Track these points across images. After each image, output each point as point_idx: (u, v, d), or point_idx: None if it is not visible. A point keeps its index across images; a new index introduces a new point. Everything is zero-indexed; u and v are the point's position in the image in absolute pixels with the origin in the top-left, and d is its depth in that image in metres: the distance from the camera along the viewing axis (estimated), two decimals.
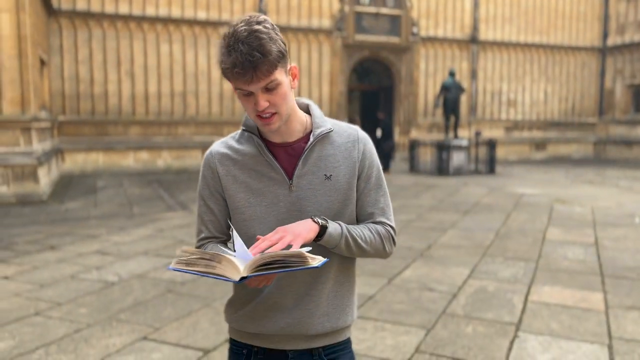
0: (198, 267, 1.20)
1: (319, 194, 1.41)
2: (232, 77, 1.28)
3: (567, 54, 20.39)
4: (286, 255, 1.18)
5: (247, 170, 1.43)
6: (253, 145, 1.43)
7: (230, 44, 1.27)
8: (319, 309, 1.45)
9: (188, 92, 15.39)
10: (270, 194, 1.41)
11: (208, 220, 1.50)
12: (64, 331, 3.71)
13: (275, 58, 1.28)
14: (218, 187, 1.46)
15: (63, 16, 13.93)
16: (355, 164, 1.45)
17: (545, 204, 9.13)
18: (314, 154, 1.42)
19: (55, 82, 13.92)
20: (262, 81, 1.28)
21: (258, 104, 1.31)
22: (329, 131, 1.44)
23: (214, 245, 1.48)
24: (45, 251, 5.94)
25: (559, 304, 4.31)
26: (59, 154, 13.60)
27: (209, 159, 1.48)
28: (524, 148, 19.91)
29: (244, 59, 1.24)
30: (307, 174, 1.41)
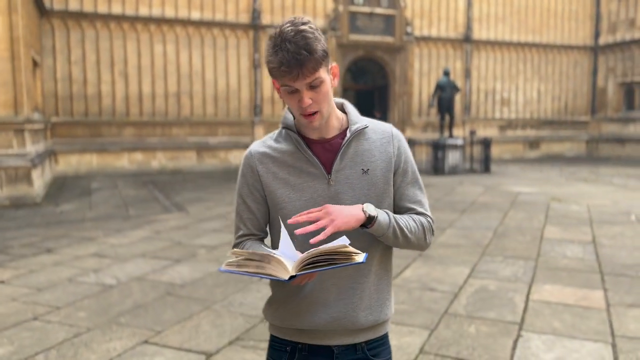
0: (249, 268, 1.25)
1: (356, 188, 1.47)
2: (279, 74, 1.35)
3: (560, 53, 20.49)
4: (332, 252, 1.22)
5: (286, 167, 1.48)
6: (291, 143, 1.49)
7: (277, 43, 1.34)
8: (362, 302, 1.49)
9: (182, 93, 15.32)
10: (310, 188, 1.46)
11: (247, 218, 1.54)
12: (64, 335, 3.66)
13: (320, 56, 1.35)
14: (257, 185, 1.51)
15: (55, 17, 13.83)
16: (391, 159, 1.51)
17: (541, 203, 9.15)
18: (351, 149, 1.48)
19: (48, 83, 13.81)
20: (308, 78, 1.35)
21: (302, 100, 1.37)
22: (365, 127, 1.50)
23: (252, 242, 1.53)
24: (41, 254, 5.88)
25: (560, 303, 4.31)
26: (52, 156, 13.49)
27: (248, 158, 1.53)
28: (517, 147, 19.99)
29: (291, 57, 1.32)
30: (345, 169, 1.47)
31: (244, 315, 4.04)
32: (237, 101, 15.96)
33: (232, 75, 15.82)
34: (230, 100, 15.89)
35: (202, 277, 5.00)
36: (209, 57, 15.50)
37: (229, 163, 15.77)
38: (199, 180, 13.04)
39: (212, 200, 9.75)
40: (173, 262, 5.52)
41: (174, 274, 5.12)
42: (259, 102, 16.11)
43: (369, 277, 1.51)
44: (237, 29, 15.75)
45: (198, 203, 9.41)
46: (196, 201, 9.62)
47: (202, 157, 15.55)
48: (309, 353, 1.50)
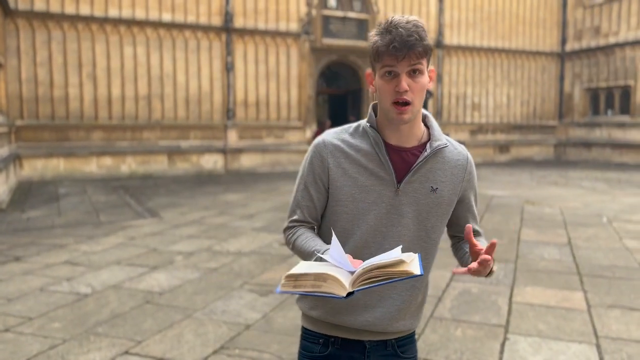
0: (305, 287, 1.24)
1: (421, 204, 1.47)
2: (386, 53, 1.35)
3: (528, 59, 20.93)
4: (390, 270, 1.20)
5: (358, 166, 1.46)
6: (368, 142, 1.47)
7: (388, 27, 1.37)
8: (400, 313, 1.51)
9: (153, 96, 15.03)
10: (375, 192, 1.45)
11: (305, 205, 1.52)
12: (38, 347, 3.49)
13: (427, 46, 1.38)
14: (324, 176, 1.49)
15: (20, 17, 13.39)
16: (460, 183, 1.53)
17: (516, 205, 9.28)
18: (427, 165, 1.48)
19: (13, 85, 13.35)
20: (412, 61, 1.36)
21: (400, 84, 1.36)
22: (445, 146, 1.50)
23: (305, 230, 1.52)
24: (9, 263, 5.63)
25: (542, 305, 4.34)
26: (16, 160, 13.03)
27: (321, 147, 1.49)
28: (488, 150, 20.30)
29: (402, 38, 1.34)
30: (415, 182, 1.47)
31: (227, 323, 3.93)
32: (209, 104, 15.75)
33: (204, 78, 15.61)
34: (203, 103, 15.67)
35: (180, 285, 4.86)
36: (181, 60, 15.26)
37: (201, 167, 15.54)
38: (171, 185, 12.79)
39: (185, 205, 9.56)
40: (150, 270, 5.35)
41: (152, 281, 4.97)
42: (231, 105, 15.94)
43: (416, 293, 1.53)
44: (209, 32, 15.56)
45: (172, 208, 9.21)
46: (170, 206, 9.42)
47: (174, 162, 15.28)
48: (341, 347, 1.52)
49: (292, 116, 16.77)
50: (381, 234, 1.46)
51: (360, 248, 1.45)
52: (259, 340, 3.62)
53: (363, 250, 1.44)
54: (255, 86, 16.25)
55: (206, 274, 5.23)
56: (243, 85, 16.07)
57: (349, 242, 1.46)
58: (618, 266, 5.48)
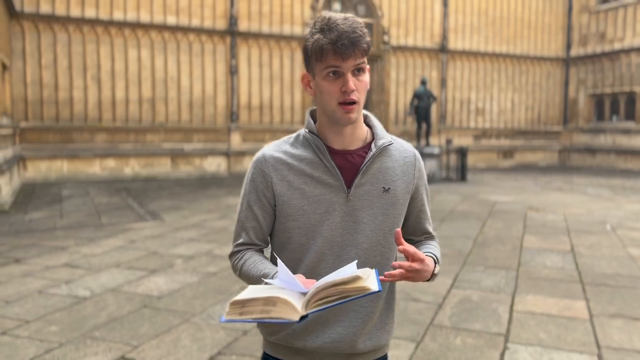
0: (253, 314, 1.14)
1: (375, 206, 1.40)
2: (332, 52, 1.28)
3: (533, 64, 20.87)
4: (345, 287, 1.11)
5: (303, 176, 1.39)
6: (311, 150, 1.40)
7: (328, 25, 1.30)
8: (365, 327, 1.42)
9: (157, 99, 15.05)
10: (326, 201, 1.38)
11: (250, 226, 1.44)
12: (34, 351, 3.47)
13: (369, 42, 1.33)
14: (267, 193, 1.41)
15: (26, 19, 13.44)
16: (411, 180, 1.46)
17: (519, 212, 9.22)
18: (375, 165, 1.41)
19: (18, 87, 13.40)
20: (358, 59, 1.31)
21: (347, 83, 1.30)
22: (390, 144, 1.44)
23: (252, 253, 1.44)
24: (9, 264, 5.63)
25: (544, 313, 4.29)
26: (20, 162, 13.07)
27: (261, 162, 1.42)
28: (492, 156, 20.23)
29: (346, 35, 1.28)
30: (366, 185, 1.40)
31: (225, 328, 3.90)
32: (213, 108, 15.76)
33: (208, 81, 15.62)
34: (206, 106, 15.68)
35: (179, 289, 4.84)
36: (185, 63, 15.29)
37: (204, 170, 15.55)
38: (174, 187, 12.79)
39: (188, 208, 9.55)
40: (149, 273, 5.34)
41: (151, 285, 4.95)
42: (235, 108, 15.94)
43: (377, 302, 1.43)
44: (213, 35, 15.59)
45: (174, 211, 9.20)
46: (172, 209, 9.41)
47: (177, 164, 15.29)
48: None
49: (295, 120, 16.75)
50: (338, 245, 1.38)
51: (317, 262, 1.38)
52: (256, 346, 3.59)
53: (320, 264, 1.38)
54: (259, 89, 16.25)
55: (205, 278, 5.20)
56: (247, 89, 16.08)
57: (305, 257, 1.39)
58: (621, 275, 5.42)
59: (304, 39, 1.35)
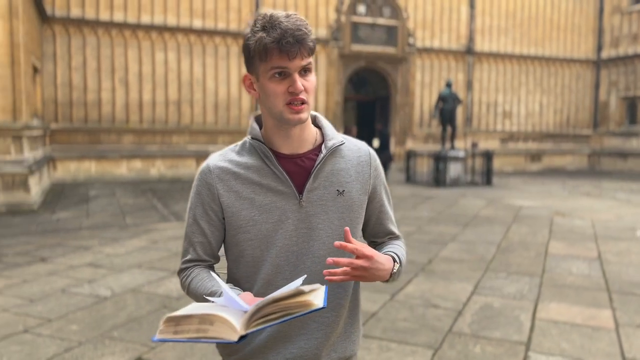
0: (188, 333, 1.04)
1: (330, 211, 1.32)
2: (276, 51, 1.20)
3: (562, 66, 20.46)
4: (287, 303, 1.05)
5: (251, 185, 1.31)
6: (257, 157, 1.32)
7: (270, 23, 1.22)
8: (328, 340, 1.35)
9: (183, 101, 15.25)
10: (278, 210, 1.30)
11: (197, 242, 1.36)
12: (54, 350, 3.53)
13: (314, 41, 1.26)
14: (214, 206, 1.32)
15: (57, 23, 13.78)
16: (367, 180, 1.39)
17: (545, 217, 9.03)
18: (326, 167, 1.33)
19: (48, 89, 13.74)
20: (305, 59, 1.24)
21: (295, 84, 1.23)
22: (341, 144, 1.37)
23: (200, 270, 1.35)
24: (35, 263, 5.75)
25: (567, 322, 4.18)
26: (50, 163, 13.38)
27: (205, 174, 1.34)
28: (519, 159, 19.90)
29: (290, 33, 1.20)
30: (319, 189, 1.32)
31: None
32: (237, 109, 15.89)
33: (233, 84, 15.76)
34: (231, 108, 15.82)
35: None
36: (210, 66, 15.45)
37: None
38: None
39: None
40: (169, 274, 5.39)
41: (170, 285, 4.99)
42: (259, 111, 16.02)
43: (340, 311, 1.36)
44: (239, 38, 15.71)
45: None
46: None
47: None
48: None
49: None
50: (294, 254, 1.30)
51: (274, 274, 1.30)
52: None
53: (277, 277, 1.30)
54: None
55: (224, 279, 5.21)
56: None
57: (261, 270, 1.31)
58: None
59: (244, 38, 1.27)
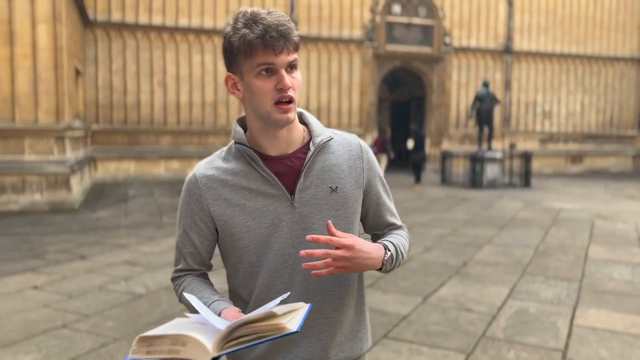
0: (160, 354, 1.03)
1: (324, 209, 1.28)
2: (261, 47, 1.16)
3: (605, 65, 19.81)
4: (259, 325, 1.02)
5: (241, 191, 1.27)
6: (244, 162, 1.28)
7: (253, 19, 1.18)
8: (334, 340, 1.32)
9: (219, 102, 15.46)
10: (270, 213, 1.26)
11: (187, 252, 1.34)
12: (90, 345, 3.62)
13: (298, 36, 1.23)
14: (204, 216, 1.29)
15: (98, 27, 14.19)
16: (360, 174, 1.34)
17: (585, 220, 8.76)
18: (317, 164, 1.29)
19: (90, 91, 14.16)
20: (290, 54, 1.20)
21: (283, 80, 1.18)
22: (329, 139, 1.32)
23: (192, 279, 1.36)
24: (75, 261, 5.93)
25: (607, 329, 4.03)
26: (91, 163, 13.78)
27: (192, 184, 1.30)
28: (559, 161, 19.37)
29: (273, 28, 1.17)
30: (311, 187, 1.28)
31: None
32: None
33: None
34: None
35: None
36: None
37: None
38: None
39: None
40: None
41: None
42: None
43: (345, 311, 1.33)
44: None
45: None
46: None
47: None
48: None
49: (353, 123, 16.72)
50: (291, 257, 1.27)
51: (272, 279, 1.28)
52: None
53: (275, 281, 1.28)
54: (317, 93, 16.35)
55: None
56: (305, 92, 16.20)
57: (259, 275, 1.28)
58: None
59: (225, 36, 1.22)
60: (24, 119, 9.39)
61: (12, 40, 9.22)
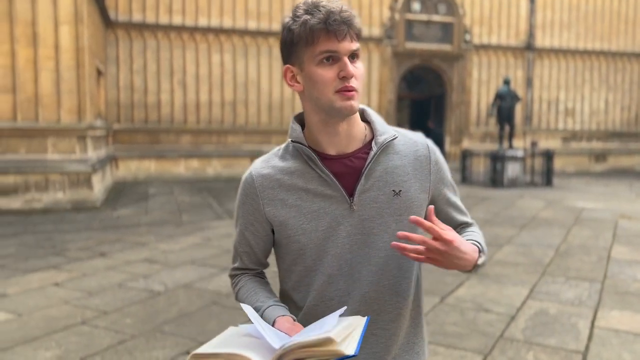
0: None
1: (386, 214, 1.21)
2: (324, 33, 1.12)
3: (631, 61, 19.39)
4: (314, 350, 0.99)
5: (297, 191, 1.22)
6: (301, 160, 1.23)
7: (314, 7, 1.13)
8: (390, 352, 1.26)
9: (238, 102, 15.54)
10: (327, 216, 1.20)
11: (243, 251, 1.33)
12: (109, 342, 3.67)
13: (360, 24, 1.17)
14: (259, 216, 1.25)
15: (120, 27, 14.37)
16: (427, 176, 1.26)
17: (608, 220, 8.59)
18: (379, 165, 1.22)
19: (111, 91, 14.35)
20: (354, 42, 1.15)
21: (347, 67, 1.13)
22: (393, 138, 1.24)
23: (248, 279, 1.34)
24: (95, 258, 6.01)
25: (630, 332, 3.94)
26: (113, 161, 13.98)
27: (248, 183, 1.26)
28: (582, 159, 19.03)
29: (337, 13, 1.12)
30: (372, 190, 1.21)
31: None
32: (291, 110, 16.02)
33: None
34: (285, 109, 15.98)
35: None
36: (265, 67, 15.67)
37: None
38: None
39: None
40: (220, 271, 5.49)
41: (221, 282, 5.09)
42: None
43: (400, 322, 1.27)
44: None
45: None
46: None
47: None
48: None
49: None
50: (347, 263, 1.22)
51: (327, 285, 1.23)
52: None
53: (330, 287, 1.23)
54: None
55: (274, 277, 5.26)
56: None
57: (313, 281, 1.24)
58: None
59: (283, 28, 1.18)
60: (47, 119, 9.56)
61: (35, 42, 9.39)
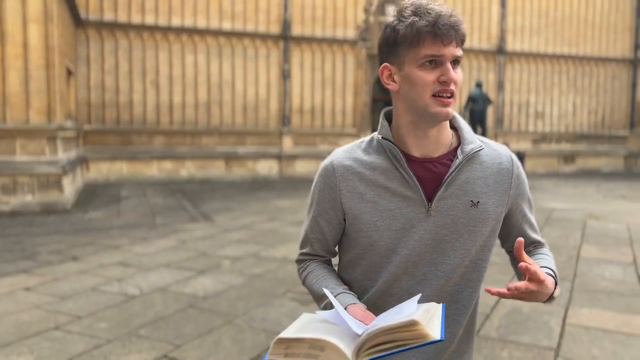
0: (298, 357, 1.03)
1: (460, 223, 1.21)
2: (430, 36, 1.11)
3: (597, 65, 19.94)
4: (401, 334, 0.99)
5: (376, 188, 1.21)
6: (385, 158, 1.22)
7: (422, 9, 1.13)
8: (440, 358, 1.26)
9: (212, 103, 15.42)
10: (403, 217, 1.20)
11: (314, 238, 1.33)
12: (83, 347, 3.60)
13: (465, 30, 1.17)
14: (335, 205, 1.25)
15: (90, 26, 14.11)
16: (507, 191, 1.26)
17: (577, 220, 8.81)
18: (462, 174, 1.22)
19: (82, 91, 14.07)
20: (458, 48, 1.14)
21: (449, 72, 1.13)
22: (480, 149, 1.24)
23: (316, 265, 1.34)
24: (67, 262, 5.89)
25: (599, 328, 4.06)
26: (83, 163, 13.70)
27: (329, 171, 1.26)
28: (552, 161, 19.47)
29: (445, 18, 1.12)
30: (450, 197, 1.21)
31: (265, 331, 3.92)
32: (265, 111, 15.99)
33: (262, 85, 15.86)
34: (259, 110, 15.93)
35: (224, 290, 4.91)
36: (239, 67, 15.59)
37: (257, 173, 15.78)
38: (227, 189, 13.05)
39: (238, 209, 9.71)
40: (196, 273, 5.45)
41: (197, 285, 5.05)
42: (287, 112, 16.10)
43: (456, 329, 1.27)
44: (267, 40, 15.81)
45: (225, 213, 9.37)
46: (223, 211, 9.59)
47: (231, 167, 15.59)
48: None
49: (346, 123, 16.74)
50: (413, 265, 1.22)
51: (391, 283, 1.23)
52: None
53: (393, 285, 1.24)
54: (311, 93, 16.35)
55: (250, 279, 5.25)
56: (299, 93, 16.21)
57: (378, 278, 1.24)
58: None
59: (387, 26, 1.18)
60: (15, 119, 9.33)
61: (2, 40, 9.16)
